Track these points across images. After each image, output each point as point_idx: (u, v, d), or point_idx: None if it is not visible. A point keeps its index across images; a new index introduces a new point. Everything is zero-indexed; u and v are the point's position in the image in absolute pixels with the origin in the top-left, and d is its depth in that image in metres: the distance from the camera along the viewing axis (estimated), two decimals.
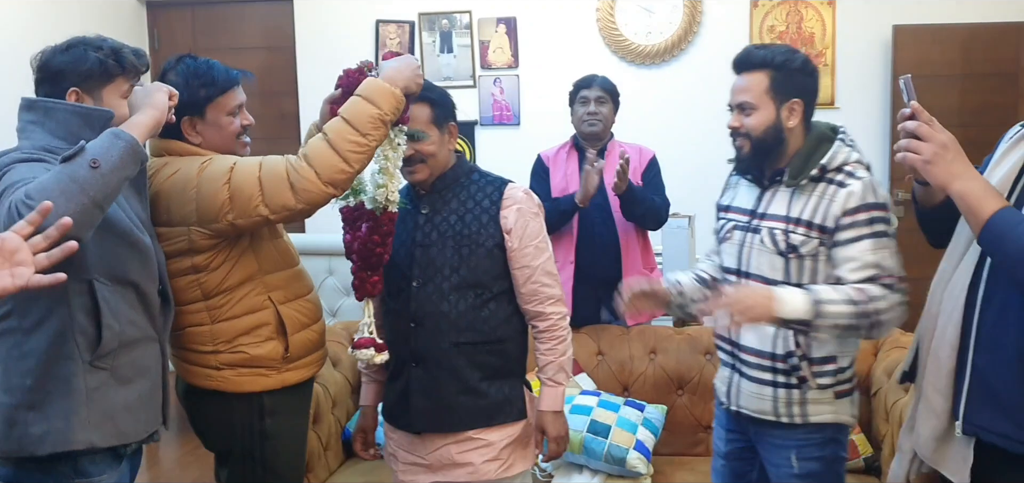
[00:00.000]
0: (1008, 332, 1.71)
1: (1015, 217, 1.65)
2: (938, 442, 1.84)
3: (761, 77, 2.14)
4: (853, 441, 2.98)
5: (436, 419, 2.30)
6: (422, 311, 2.26)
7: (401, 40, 5.54)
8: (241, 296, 2.15)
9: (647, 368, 3.31)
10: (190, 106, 2.11)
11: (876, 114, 5.34)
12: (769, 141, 2.14)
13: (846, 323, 1.99)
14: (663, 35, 5.37)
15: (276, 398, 2.20)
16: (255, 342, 2.16)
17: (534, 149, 3.88)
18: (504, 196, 2.29)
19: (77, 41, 1.94)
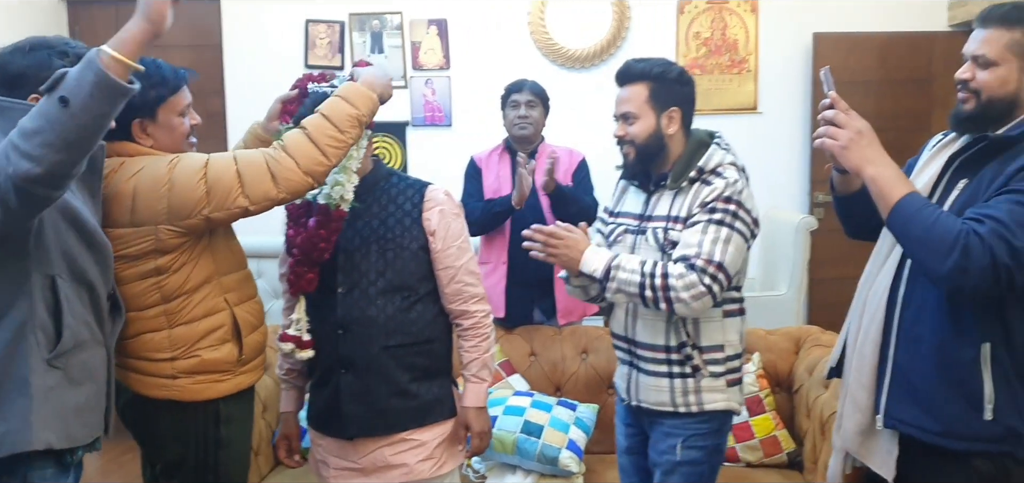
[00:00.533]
0: (925, 329, 1.84)
1: (921, 202, 1.77)
2: (863, 436, 1.96)
3: (641, 88, 2.27)
4: (776, 437, 3.08)
5: (369, 423, 2.30)
6: (349, 317, 2.26)
7: (331, 40, 5.50)
8: (200, 298, 2.13)
9: (579, 368, 3.36)
10: (141, 108, 2.06)
11: (797, 118, 5.49)
12: (652, 147, 2.27)
13: (634, 290, 2.13)
14: (593, 39, 5.44)
15: (231, 404, 2.20)
16: (212, 345, 2.14)
17: (466, 150, 3.91)
18: (425, 198, 2.32)
19: (39, 43, 1.90)
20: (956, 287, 1.74)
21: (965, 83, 1.88)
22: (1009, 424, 1.80)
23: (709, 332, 2.25)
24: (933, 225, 1.73)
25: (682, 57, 5.43)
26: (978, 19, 1.88)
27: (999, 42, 1.82)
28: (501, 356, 3.38)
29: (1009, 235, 1.67)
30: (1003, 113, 1.84)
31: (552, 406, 3.09)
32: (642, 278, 2.13)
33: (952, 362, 1.83)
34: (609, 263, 2.17)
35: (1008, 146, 1.81)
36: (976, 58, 1.86)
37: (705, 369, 2.24)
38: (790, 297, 4.50)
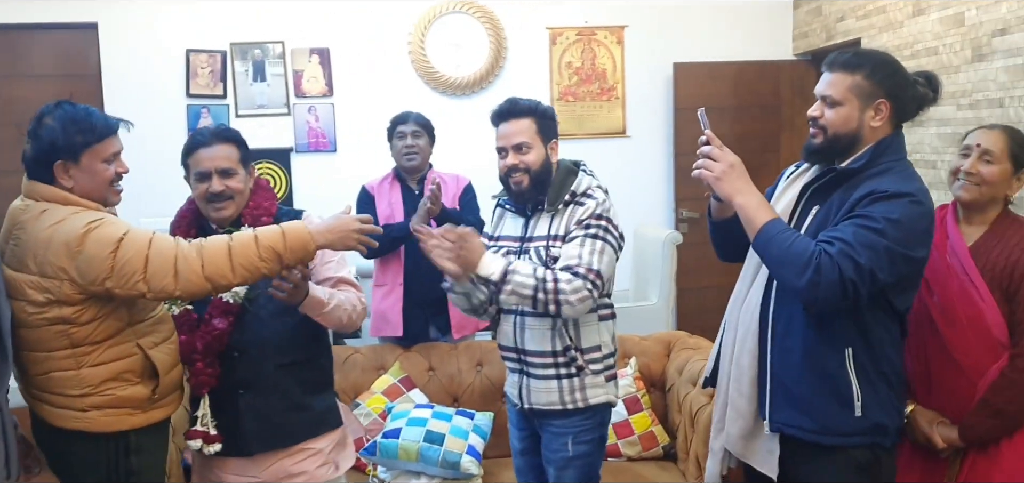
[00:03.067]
0: (795, 340, 2.09)
1: (781, 226, 2.03)
2: (746, 440, 2.20)
3: (529, 122, 2.55)
4: (652, 432, 3.40)
5: (270, 438, 2.44)
6: (244, 340, 2.40)
7: (213, 69, 5.54)
8: (109, 345, 2.16)
9: (474, 380, 3.58)
10: (65, 150, 2.10)
11: (661, 140, 5.92)
12: (543, 174, 2.55)
13: (528, 293, 2.38)
14: (471, 68, 5.70)
15: (142, 435, 2.23)
16: (122, 385, 2.17)
17: (352, 175, 4.04)
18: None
19: None
20: (810, 300, 1.95)
21: (815, 120, 2.11)
22: (876, 419, 2.04)
23: (588, 334, 2.53)
24: (790, 247, 1.95)
25: (556, 85, 5.77)
26: (825, 63, 2.14)
27: (843, 84, 2.05)
28: (401, 372, 3.56)
29: (854, 254, 1.88)
30: (847, 147, 2.07)
31: (452, 416, 3.30)
32: (536, 282, 2.36)
33: (821, 367, 2.04)
34: (505, 268, 2.38)
35: (852, 176, 2.05)
36: (824, 98, 2.09)
37: (587, 367, 2.52)
38: (660, 306, 4.86)
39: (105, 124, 2.19)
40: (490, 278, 2.39)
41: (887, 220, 1.93)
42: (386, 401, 3.43)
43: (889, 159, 2.06)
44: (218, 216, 2.43)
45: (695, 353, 3.46)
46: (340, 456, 2.58)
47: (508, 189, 2.61)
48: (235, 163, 2.44)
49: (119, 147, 2.24)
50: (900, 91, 2.08)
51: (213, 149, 2.41)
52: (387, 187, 3.80)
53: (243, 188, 2.46)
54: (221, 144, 2.42)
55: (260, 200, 2.49)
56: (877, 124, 2.06)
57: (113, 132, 2.22)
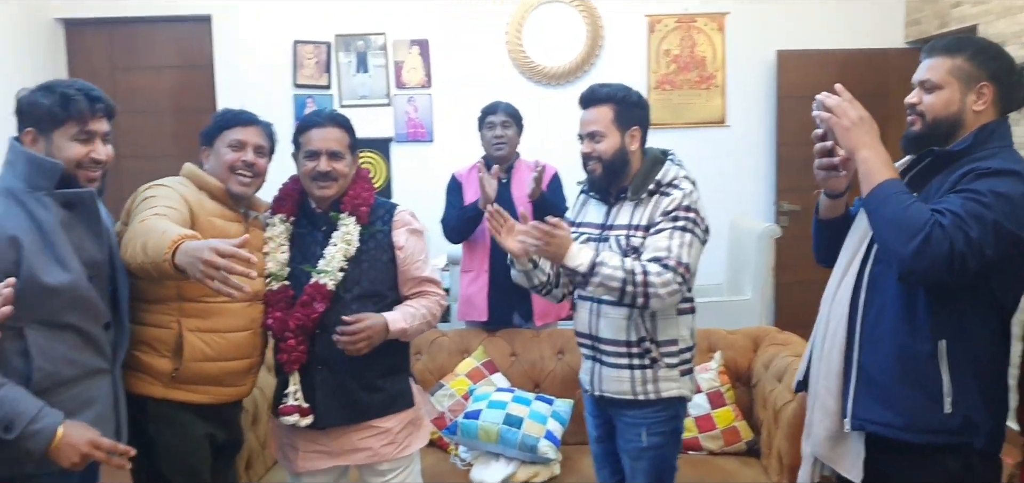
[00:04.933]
0: (885, 330, 2.00)
1: (900, 186, 1.94)
2: (833, 442, 2.09)
3: (606, 110, 2.53)
4: (735, 428, 3.35)
5: (341, 414, 2.53)
6: (327, 320, 2.48)
7: (318, 60, 5.73)
8: (152, 310, 2.34)
9: (556, 367, 3.60)
10: (202, 135, 2.49)
11: (762, 130, 5.77)
12: (617, 163, 2.52)
13: (616, 285, 2.36)
14: (567, 57, 5.70)
15: (160, 407, 2.35)
16: (149, 352, 2.33)
17: (447, 164, 4.12)
18: (394, 218, 2.60)
19: (45, 84, 2.11)
20: (914, 269, 1.84)
21: (913, 106, 2.04)
22: (966, 415, 1.93)
23: (665, 328, 2.49)
24: (906, 209, 1.86)
25: (652, 73, 5.71)
26: (924, 50, 2.07)
27: (943, 68, 1.99)
28: (484, 356, 3.62)
29: (966, 227, 1.80)
30: (948, 132, 2.00)
31: (531, 400, 3.33)
32: (624, 274, 2.35)
33: (911, 359, 1.95)
34: (593, 260, 2.38)
35: (952, 160, 1.97)
36: (923, 83, 2.02)
37: (662, 360, 2.49)
38: (755, 301, 4.75)
39: (234, 115, 2.45)
40: (578, 269, 2.38)
41: (994, 194, 1.84)
42: (469, 383, 3.49)
43: (995, 144, 1.96)
44: (320, 194, 2.53)
45: (783, 349, 3.37)
46: (411, 437, 2.64)
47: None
48: (344, 148, 2.54)
49: (246, 137, 2.44)
50: (1005, 75, 1.99)
51: (326, 131, 2.52)
52: (474, 175, 3.85)
53: (347, 173, 2.56)
54: (333, 127, 2.54)
55: (359, 190, 2.58)
56: (980, 108, 1.98)
57: (241, 123, 2.43)
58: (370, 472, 2.62)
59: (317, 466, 2.59)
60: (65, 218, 2.06)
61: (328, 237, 2.53)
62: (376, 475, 2.62)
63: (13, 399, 1.94)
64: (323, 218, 2.56)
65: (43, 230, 2.02)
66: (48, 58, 5.50)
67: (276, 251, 2.54)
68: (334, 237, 2.52)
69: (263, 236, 2.56)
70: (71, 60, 5.71)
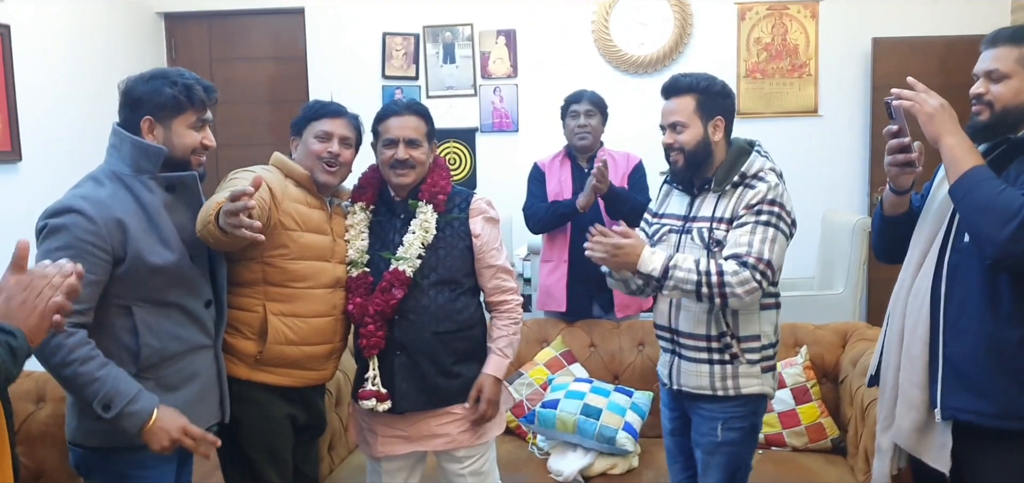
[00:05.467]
0: (970, 321, 2.00)
1: (988, 173, 1.95)
2: (919, 433, 2.10)
3: (689, 100, 2.48)
4: (821, 424, 3.26)
5: (419, 399, 2.57)
6: (405, 306, 2.53)
7: (406, 51, 5.81)
8: (239, 293, 2.43)
9: (635, 359, 3.57)
10: (292, 125, 2.57)
11: (856, 121, 5.61)
12: (700, 154, 2.47)
13: (691, 288, 2.32)
14: (655, 45, 5.64)
15: (244, 389, 2.43)
16: (236, 335, 2.42)
17: (532, 154, 4.13)
18: (471, 206, 2.62)
19: (158, 73, 2.20)
20: (1008, 254, 1.85)
21: (979, 97, 2.05)
22: None
23: (747, 323, 2.44)
24: (998, 195, 1.88)
25: (743, 62, 5.60)
26: (986, 42, 2.06)
27: (1010, 57, 2.00)
28: (563, 346, 3.62)
29: None
30: (1016, 121, 2.01)
31: (610, 392, 3.31)
32: (698, 276, 2.32)
33: (999, 347, 1.96)
34: (666, 263, 2.36)
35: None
36: (989, 74, 2.03)
37: (742, 356, 2.44)
38: (847, 296, 4.62)
39: (322, 106, 2.53)
40: (652, 274, 2.37)
41: None
42: (547, 373, 3.49)
43: None
44: (398, 181, 2.58)
45: (872, 345, 3.25)
46: (489, 424, 2.66)
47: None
48: (422, 136, 2.58)
49: (333, 128, 2.50)
50: None
51: (404, 119, 2.56)
52: (557, 165, 3.85)
53: (425, 161, 2.59)
54: (412, 116, 2.58)
55: (437, 178, 2.62)
56: None
57: (329, 114, 2.50)
58: (447, 458, 2.66)
59: (395, 451, 2.64)
60: (168, 200, 2.17)
61: (406, 224, 2.57)
62: (453, 461, 2.66)
63: (115, 378, 2.03)
64: (401, 206, 2.61)
65: (148, 212, 2.12)
66: (149, 51, 5.74)
67: (356, 238, 2.59)
68: (412, 225, 2.56)
69: (344, 223, 2.62)
70: (171, 52, 5.94)
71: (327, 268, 2.53)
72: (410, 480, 2.73)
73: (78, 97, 4.75)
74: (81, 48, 4.88)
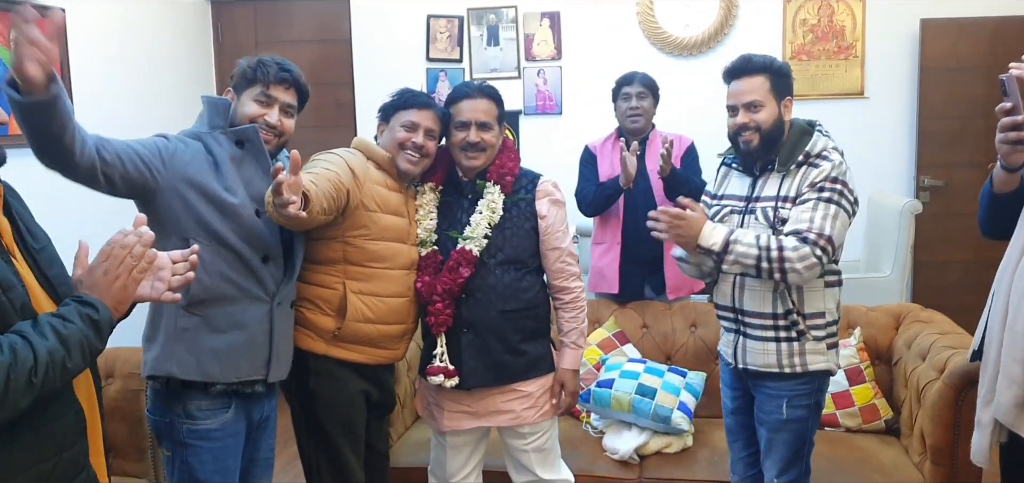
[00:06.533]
0: None
1: None
2: (1019, 408, 2.09)
3: (763, 79, 2.50)
4: (874, 405, 3.27)
5: (486, 375, 2.63)
6: (472, 285, 2.58)
7: (450, 33, 5.84)
8: (319, 270, 2.51)
9: (688, 340, 3.60)
10: (380, 111, 2.66)
11: (903, 104, 5.54)
12: (775, 133, 2.50)
13: (751, 262, 2.35)
14: (700, 27, 5.60)
15: (321, 362, 2.52)
16: (315, 310, 2.50)
17: (576, 137, 4.15)
18: (538, 188, 2.66)
19: (257, 57, 2.37)
20: None
21: None
22: None
23: (812, 300, 2.47)
24: None
25: (789, 44, 5.56)
26: None
27: None
28: (615, 327, 3.66)
29: None
30: None
31: (664, 372, 3.35)
32: (759, 251, 2.35)
33: None
34: (727, 237, 2.39)
35: None
36: None
37: (809, 333, 2.47)
38: (894, 278, 4.60)
39: (413, 96, 2.59)
40: (712, 249, 2.40)
41: None
42: (600, 353, 3.53)
43: None
44: (469, 164, 2.62)
45: (927, 327, 3.27)
46: (549, 401, 2.71)
47: (737, 148, 2.59)
48: (493, 119, 2.63)
49: (420, 119, 2.55)
50: None
51: (476, 102, 2.61)
52: (609, 147, 3.87)
53: (495, 143, 2.64)
54: (484, 99, 2.62)
55: (505, 160, 2.67)
56: None
57: (417, 105, 2.56)
58: (511, 434, 2.72)
59: (461, 426, 2.70)
60: (236, 155, 2.29)
61: (474, 205, 2.62)
62: (517, 437, 2.71)
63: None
64: (469, 186, 2.65)
65: (216, 161, 2.25)
66: (196, 34, 5.81)
67: (425, 218, 2.64)
68: (479, 205, 2.61)
69: (416, 204, 2.67)
70: (217, 36, 6.00)
71: (404, 250, 2.59)
72: (474, 454, 2.80)
73: (127, 79, 4.81)
74: (130, 31, 4.94)
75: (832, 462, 3.03)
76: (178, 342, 2.23)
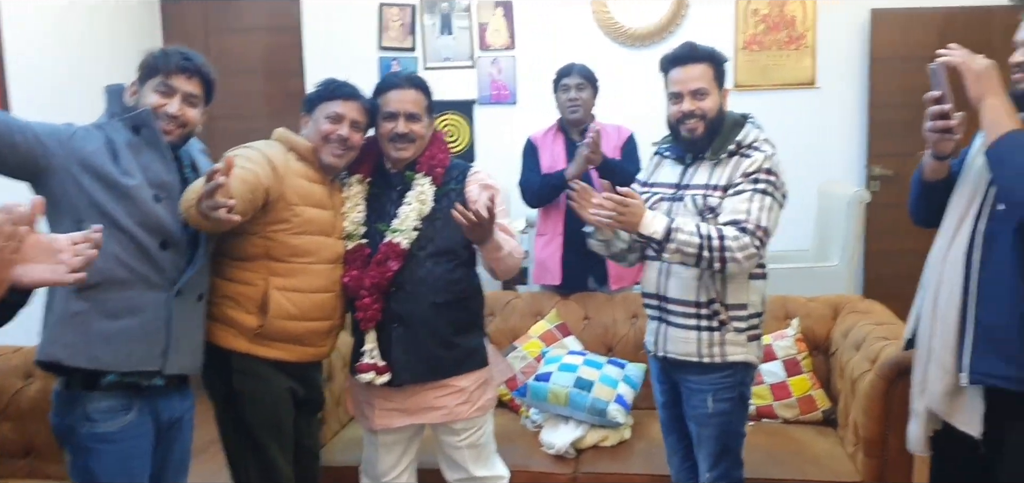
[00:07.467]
0: (1003, 287, 2.02)
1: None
2: (951, 397, 2.13)
3: (707, 68, 2.49)
4: (812, 396, 3.28)
5: (418, 371, 2.58)
6: (402, 278, 2.53)
7: (403, 22, 5.78)
8: (240, 267, 2.45)
9: (629, 331, 3.59)
10: (304, 102, 2.60)
11: (854, 93, 5.56)
12: (718, 122, 2.49)
13: (692, 251, 2.34)
14: (653, 17, 5.59)
15: (245, 361, 2.46)
16: (235, 307, 2.44)
17: (530, 126, 4.11)
18: (468, 177, 2.63)
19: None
20: None
21: (1019, 65, 2.07)
22: None
23: (735, 291, 2.46)
24: None
25: (740, 33, 5.56)
26: None
27: None
28: (557, 319, 3.63)
29: None
30: None
31: (603, 364, 3.33)
32: (700, 240, 2.33)
33: None
34: (668, 226, 2.36)
35: None
36: None
37: (730, 324, 2.46)
38: (842, 268, 4.62)
39: (337, 87, 2.52)
40: (653, 236, 2.37)
41: None
42: (542, 346, 3.51)
43: None
44: (398, 155, 2.58)
45: (863, 318, 3.28)
46: (483, 396, 2.69)
47: (676, 135, 2.56)
48: (421, 110, 2.59)
49: (345, 111, 2.49)
50: None
51: (404, 92, 2.56)
52: (550, 138, 3.86)
53: (424, 134, 2.60)
54: (412, 89, 2.58)
55: (435, 152, 2.63)
56: None
57: (342, 96, 2.50)
58: (444, 431, 2.68)
59: (393, 424, 2.66)
60: (133, 141, 2.23)
61: (403, 196, 2.58)
62: (450, 434, 2.68)
63: None
64: (398, 178, 2.61)
65: (115, 148, 2.20)
66: (143, 23, 5.70)
67: (352, 210, 2.60)
68: (408, 196, 2.57)
69: (342, 197, 2.62)
70: (166, 24, 5.89)
71: (329, 243, 2.54)
72: (407, 452, 2.76)
73: (70, 67, 4.69)
74: (73, 18, 4.84)
75: (768, 454, 3.02)
76: (67, 326, 2.14)
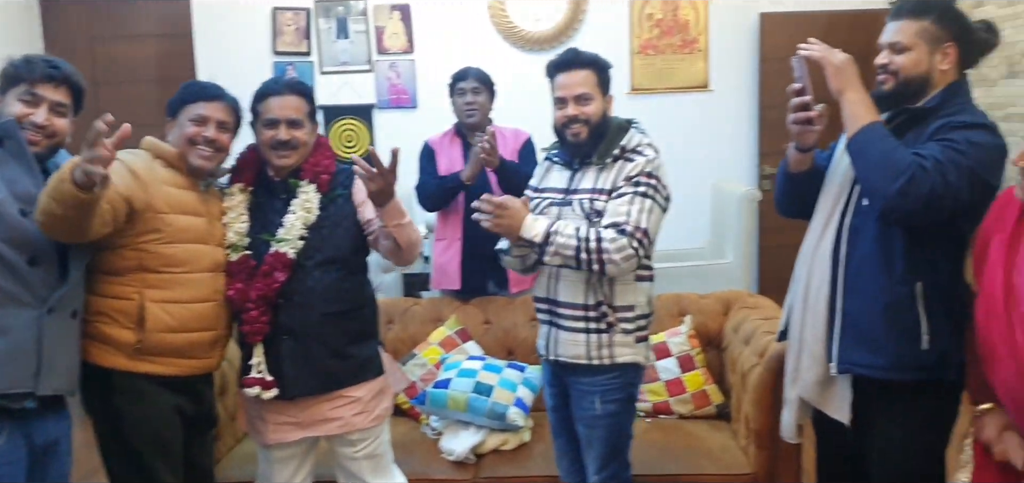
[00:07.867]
0: (866, 279, 2.13)
1: (884, 130, 2.08)
2: (821, 386, 2.25)
3: (590, 73, 2.52)
4: (705, 391, 3.35)
5: (310, 383, 2.53)
6: (289, 288, 2.48)
7: (298, 26, 5.68)
8: (112, 282, 2.34)
9: (529, 334, 3.59)
10: (168, 107, 2.48)
11: (745, 95, 5.74)
12: (602, 127, 2.53)
13: (570, 253, 2.38)
14: (550, 21, 5.65)
15: (125, 380, 2.36)
16: (110, 323, 2.34)
17: (431, 130, 4.08)
18: (355, 182, 2.57)
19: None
20: (895, 208, 2.00)
21: (884, 67, 2.17)
22: (942, 350, 2.08)
23: (623, 293, 2.50)
24: (892, 151, 2.01)
25: (635, 38, 5.66)
26: (891, 13, 2.18)
27: (911, 30, 2.13)
28: (457, 324, 3.62)
29: (945, 171, 1.95)
30: (918, 90, 2.14)
31: (502, 368, 3.33)
32: (578, 242, 2.37)
33: (892, 303, 2.10)
34: (548, 229, 2.39)
35: (924, 117, 2.12)
36: (892, 45, 2.15)
37: (618, 325, 2.50)
38: (736, 264, 4.75)
39: (199, 88, 2.45)
40: (533, 240, 2.40)
41: (969, 143, 1.99)
42: (441, 352, 3.49)
43: (961, 101, 2.12)
44: (280, 163, 2.52)
45: (753, 313, 3.37)
46: (379, 405, 2.65)
47: (563, 140, 2.58)
48: (303, 116, 2.53)
49: (209, 112, 2.42)
50: (966, 36, 2.14)
51: (284, 99, 2.50)
52: (448, 142, 3.84)
53: (307, 141, 2.55)
54: (293, 95, 2.52)
55: (320, 158, 2.58)
56: (945, 67, 2.13)
57: (205, 97, 2.43)
58: (341, 442, 2.63)
59: (287, 438, 2.60)
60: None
61: (287, 205, 2.52)
62: (347, 445, 2.63)
63: None
64: (282, 186, 2.55)
65: None
66: (22, 30, 5.45)
67: (235, 221, 2.52)
68: (293, 205, 2.51)
69: (222, 205, 2.55)
70: (47, 31, 5.65)
71: (206, 251, 2.46)
72: (303, 466, 2.70)
73: None
74: None
75: (663, 450, 3.08)
76: None
